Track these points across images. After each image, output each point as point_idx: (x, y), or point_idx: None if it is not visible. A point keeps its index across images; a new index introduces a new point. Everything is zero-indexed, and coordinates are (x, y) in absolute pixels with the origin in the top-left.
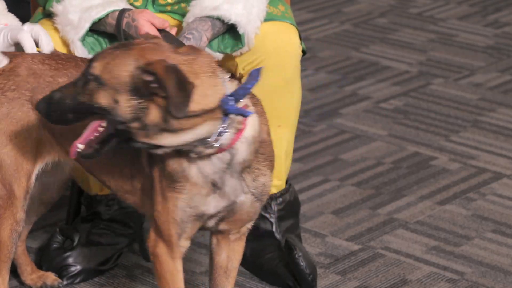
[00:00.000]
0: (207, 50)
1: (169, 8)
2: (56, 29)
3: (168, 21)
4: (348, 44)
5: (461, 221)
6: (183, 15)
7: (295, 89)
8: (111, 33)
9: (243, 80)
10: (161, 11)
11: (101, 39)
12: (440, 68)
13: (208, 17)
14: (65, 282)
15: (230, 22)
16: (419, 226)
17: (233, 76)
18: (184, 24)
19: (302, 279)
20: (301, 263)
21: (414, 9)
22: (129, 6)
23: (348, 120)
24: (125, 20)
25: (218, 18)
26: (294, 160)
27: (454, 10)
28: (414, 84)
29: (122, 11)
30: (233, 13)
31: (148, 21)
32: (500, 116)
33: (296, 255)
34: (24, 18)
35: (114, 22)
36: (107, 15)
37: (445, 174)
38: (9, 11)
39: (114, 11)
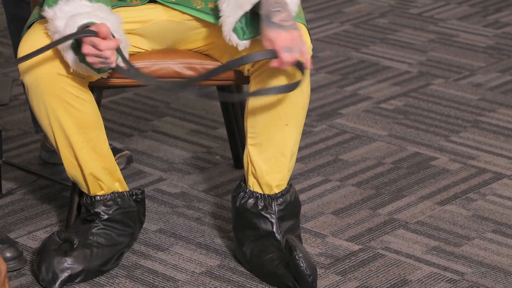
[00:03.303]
0: (234, 38)
1: None
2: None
3: (118, 40)
4: (348, 45)
5: (461, 222)
6: (190, 7)
7: (304, 87)
8: None
9: (252, 79)
10: (166, 1)
11: None
12: (440, 68)
13: None
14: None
15: None
16: (420, 226)
17: (242, 74)
18: (219, 5)
19: (302, 280)
20: (302, 264)
21: (414, 10)
22: (117, 18)
23: (348, 120)
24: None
25: None
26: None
27: (454, 10)
28: (414, 85)
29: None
30: None
31: (102, 33)
32: (500, 117)
33: (297, 256)
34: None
35: None
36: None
37: (446, 174)
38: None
39: (92, 23)
